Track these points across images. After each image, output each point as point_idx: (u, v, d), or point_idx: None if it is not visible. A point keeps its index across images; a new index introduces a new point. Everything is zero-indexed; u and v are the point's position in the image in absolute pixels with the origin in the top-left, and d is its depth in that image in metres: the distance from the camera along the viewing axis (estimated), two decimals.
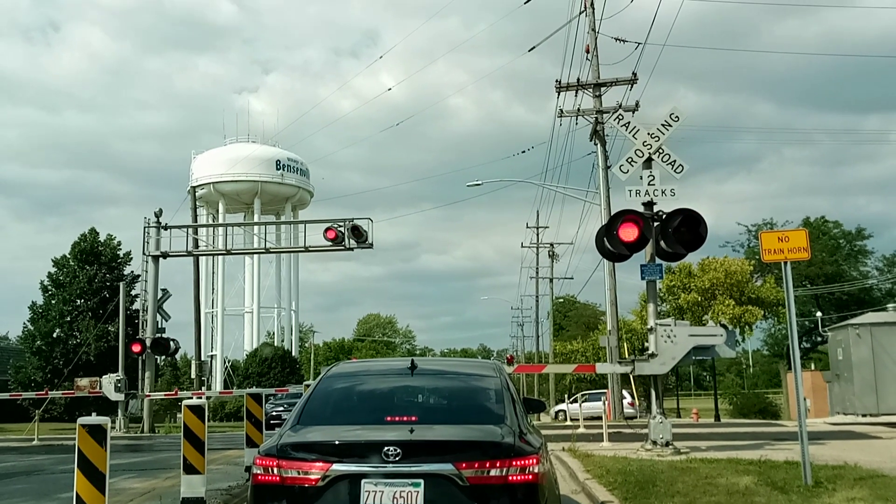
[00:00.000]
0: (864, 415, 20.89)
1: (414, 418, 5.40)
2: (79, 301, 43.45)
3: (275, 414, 27.24)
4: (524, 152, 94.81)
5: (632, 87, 26.88)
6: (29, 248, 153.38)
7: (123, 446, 20.06)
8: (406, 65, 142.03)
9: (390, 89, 56.25)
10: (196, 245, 31.58)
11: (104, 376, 27.92)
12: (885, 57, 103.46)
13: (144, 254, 29.11)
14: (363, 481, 4.75)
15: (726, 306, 42.22)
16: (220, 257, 55.17)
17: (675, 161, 14.12)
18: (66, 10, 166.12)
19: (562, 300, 65.61)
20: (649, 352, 13.89)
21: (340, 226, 27.21)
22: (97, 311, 41.77)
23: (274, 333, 66.31)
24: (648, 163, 14.14)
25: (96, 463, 6.45)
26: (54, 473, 13.59)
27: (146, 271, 29.06)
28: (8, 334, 73.82)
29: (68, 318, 42.95)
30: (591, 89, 27.85)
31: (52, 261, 44.81)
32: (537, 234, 55.34)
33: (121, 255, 45.29)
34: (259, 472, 4.97)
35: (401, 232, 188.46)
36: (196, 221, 40.35)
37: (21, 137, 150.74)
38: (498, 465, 4.75)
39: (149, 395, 27.91)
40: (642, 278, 14.11)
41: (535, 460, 4.84)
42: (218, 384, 58.20)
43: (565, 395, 40.41)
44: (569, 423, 26.14)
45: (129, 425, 27.80)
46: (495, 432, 5.09)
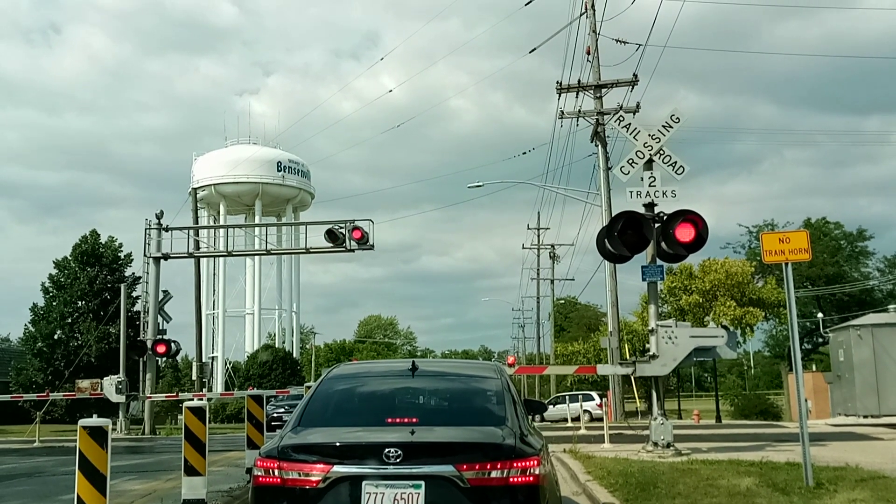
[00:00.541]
0: (865, 416, 20.89)
1: (415, 420, 5.41)
2: (80, 303, 43.43)
3: (276, 415, 27.23)
4: (525, 154, 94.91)
5: (633, 88, 26.87)
6: (30, 250, 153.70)
7: (124, 448, 20.06)
8: (407, 66, 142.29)
9: (391, 91, 56.38)
10: (197, 247, 31.58)
11: (105, 378, 27.91)
12: (885, 58, 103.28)
13: (145, 255, 29.13)
14: (364, 483, 4.75)
15: (727, 307, 42.18)
16: (220, 259, 55.26)
17: (675, 162, 14.13)
18: (66, 11, 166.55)
19: (563, 301, 65.63)
20: (650, 353, 13.88)
21: (341, 227, 27.19)
22: (98, 312, 41.75)
23: (275, 335, 66.34)
24: (649, 164, 14.14)
25: (97, 465, 6.45)
26: (55, 475, 13.58)
27: (147, 273, 29.07)
28: (9, 336, 73.80)
29: (69, 320, 42.92)
30: (591, 91, 27.83)
31: (53, 262, 44.83)
32: (538, 236, 55.38)
33: (122, 257, 45.28)
34: (260, 473, 4.97)
35: (402, 233, 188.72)
36: (197, 223, 40.25)
37: (22, 139, 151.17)
38: (499, 466, 4.75)
39: (150, 397, 27.90)
40: (643, 279, 14.11)
41: (535, 462, 4.84)
42: (219, 386, 58.21)
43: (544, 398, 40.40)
44: (570, 424, 26.13)
45: (130, 427, 27.78)
46: (496, 434, 5.09)
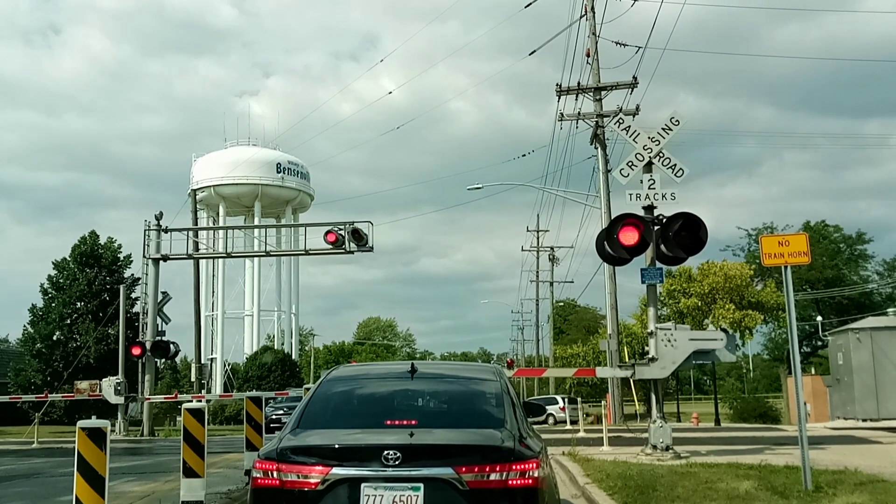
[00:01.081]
0: (864, 419, 20.87)
1: (414, 422, 5.39)
2: (79, 304, 43.36)
3: (274, 417, 27.27)
4: (525, 156, 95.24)
5: (632, 90, 26.90)
6: (29, 251, 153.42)
7: (123, 449, 20.06)
8: (406, 68, 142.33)
9: (391, 93, 56.40)
10: (196, 248, 31.58)
11: (104, 379, 27.91)
12: (885, 61, 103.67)
13: (145, 257, 29.13)
14: (363, 485, 4.74)
15: (726, 310, 42.18)
16: (220, 260, 55.26)
17: (675, 165, 14.14)
18: (66, 13, 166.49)
19: (562, 304, 65.62)
20: (649, 356, 13.89)
21: (341, 229, 27.18)
22: (97, 313, 41.71)
23: (274, 336, 66.32)
24: (649, 166, 14.15)
25: (96, 466, 6.45)
26: (54, 476, 13.58)
27: (146, 274, 29.08)
28: (8, 337, 73.77)
29: (68, 321, 42.86)
30: (591, 93, 27.86)
31: (52, 263, 44.74)
32: (537, 238, 55.45)
33: (121, 258, 45.22)
34: (259, 475, 4.96)
35: (401, 235, 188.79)
36: (196, 224, 40.38)
37: (21, 140, 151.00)
38: (498, 469, 4.74)
39: (148, 399, 27.89)
40: (643, 282, 14.11)
41: (535, 464, 4.83)
42: (218, 387, 58.16)
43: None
44: (569, 426, 26.14)
45: (128, 428, 27.78)
46: (495, 436, 5.09)
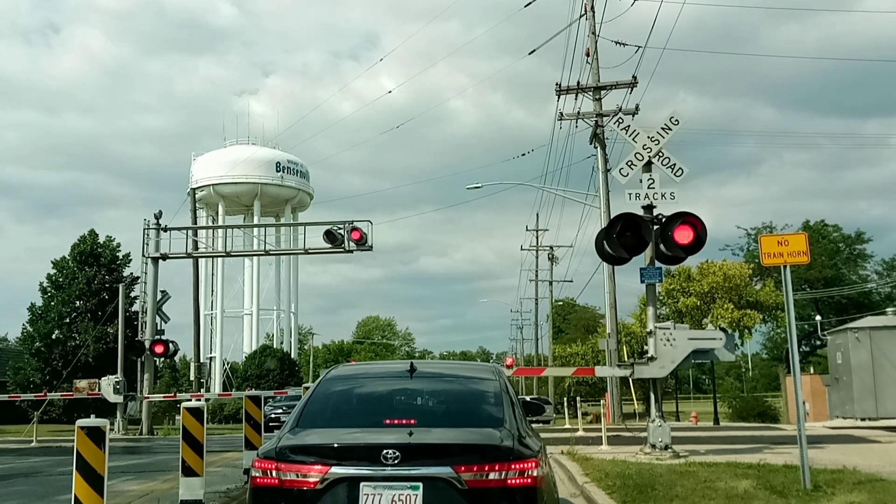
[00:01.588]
0: (862, 419, 20.89)
1: (413, 421, 5.39)
2: (78, 303, 43.33)
3: (273, 416, 27.24)
4: (524, 155, 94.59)
5: (632, 90, 26.85)
6: (29, 250, 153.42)
7: (122, 448, 20.06)
8: (406, 67, 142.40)
9: (390, 92, 56.17)
10: (195, 247, 31.56)
11: (103, 378, 27.86)
12: (885, 61, 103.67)
13: (144, 255, 29.09)
14: (362, 484, 4.75)
15: (725, 310, 42.21)
16: (219, 259, 55.20)
17: (674, 164, 14.14)
18: (65, 12, 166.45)
19: (561, 303, 65.65)
20: (648, 355, 13.90)
21: (340, 228, 27.16)
22: (96, 312, 41.68)
23: (273, 335, 66.28)
24: (648, 166, 14.15)
25: (95, 465, 6.45)
26: (53, 475, 13.58)
27: (145, 273, 29.04)
28: (7, 336, 73.80)
29: (67, 320, 42.84)
30: (591, 93, 27.84)
31: (52, 262, 44.70)
32: (537, 237, 55.36)
33: (120, 257, 45.19)
34: (258, 474, 4.96)
35: (400, 234, 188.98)
36: (196, 223, 40.32)
37: (21, 139, 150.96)
38: (497, 468, 4.74)
39: (147, 397, 27.87)
40: (642, 281, 14.12)
41: (534, 464, 4.84)
42: (217, 386, 58.15)
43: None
44: (567, 426, 26.15)
45: (127, 427, 27.75)
46: (494, 435, 5.09)
